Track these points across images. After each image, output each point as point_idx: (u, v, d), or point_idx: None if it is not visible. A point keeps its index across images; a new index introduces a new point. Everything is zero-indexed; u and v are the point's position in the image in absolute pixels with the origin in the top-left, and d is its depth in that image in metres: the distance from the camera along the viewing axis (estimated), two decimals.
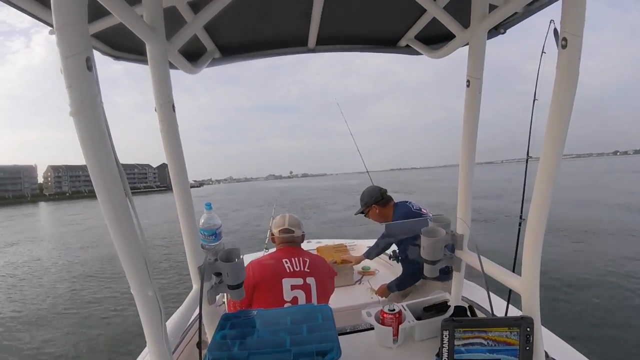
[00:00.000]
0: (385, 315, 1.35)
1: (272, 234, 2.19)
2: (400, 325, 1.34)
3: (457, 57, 1.65)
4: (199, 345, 1.18)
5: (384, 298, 2.74)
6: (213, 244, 1.43)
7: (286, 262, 1.95)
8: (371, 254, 3.05)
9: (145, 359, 1.76)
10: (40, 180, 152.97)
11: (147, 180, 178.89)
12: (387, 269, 3.39)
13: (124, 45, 1.47)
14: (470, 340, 1.14)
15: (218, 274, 1.37)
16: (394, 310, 1.35)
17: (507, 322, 1.14)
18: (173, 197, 1.33)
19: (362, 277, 3.22)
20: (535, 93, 1.91)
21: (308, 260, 2.00)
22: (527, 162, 2.03)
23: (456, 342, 1.14)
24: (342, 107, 4.54)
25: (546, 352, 1.19)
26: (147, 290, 0.86)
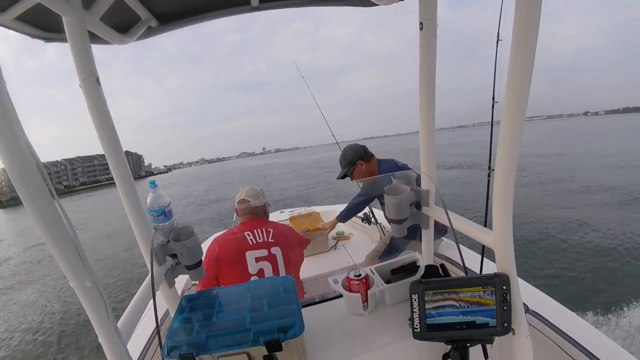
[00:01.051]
0: (351, 281, 1.28)
1: (236, 209, 2.15)
2: (368, 291, 1.28)
3: None
4: (158, 333, 1.11)
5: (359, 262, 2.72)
6: (165, 224, 1.32)
7: (248, 234, 1.91)
8: (344, 216, 2.99)
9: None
10: None
11: (109, 172, 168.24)
12: (361, 232, 3.37)
13: (52, 25, 1.31)
14: (441, 303, 1.07)
15: (174, 256, 1.29)
16: (359, 275, 1.28)
17: (481, 281, 1.06)
18: (138, 187, 1.25)
19: (337, 243, 3.20)
20: (498, 33, 1.81)
21: (272, 230, 1.95)
22: (492, 108, 1.94)
23: (427, 306, 1.07)
24: (312, 80, 4.39)
25: (526, 306, 1.16)
26: (85, 280, 0.81)
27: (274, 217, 3.59)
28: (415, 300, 1.07)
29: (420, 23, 1.25)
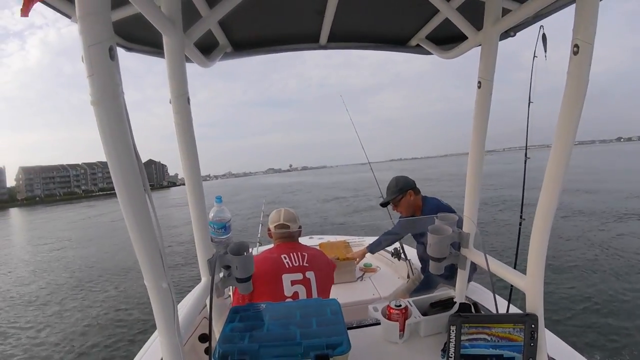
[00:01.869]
0: (392, 310, 1.37)
1: (269, 230, 2.17)
2: (406, 321, 1.37)
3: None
4: (203, 338, 1.19)
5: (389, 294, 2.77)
6: (222, 237, 1.44)
7: (285, 257, 1.95)
8: (374, 247, 3.07)
9: (149, 350, 1.78)
10: (11, 183, 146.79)
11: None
12: (388, 267, 3.41)
13: (138, 37, 1.46)
14: (474, 336, 1.17)
15: (227, 267, 1.39)
16: (400, 305, 1.37)
17: (513, 319, 1.17)
18: (159, 197, 1.32)
19: (363, 274, 3.24)
20: (530, 96, 1.91)
21: (306, 255, 2.00)
22: (525, 163, 2.04)
23: (462, 337, 1.17)
24: (340, 99, 4.50)
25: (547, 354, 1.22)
26: (162, 282, 0.87)
27: (303, 242, 3.64)
28: (453, 331, 1.16)
29: (479, 82, 1.37)
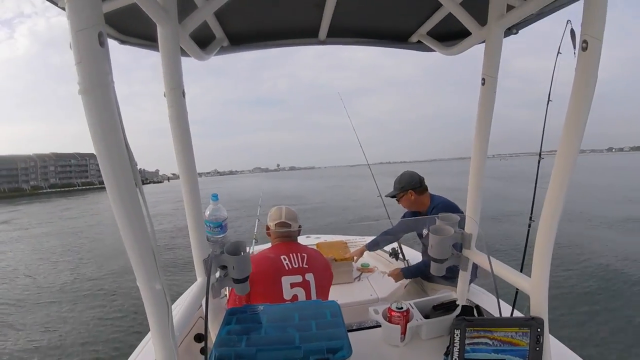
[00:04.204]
0: (393, 313, 1.33)
1: (268, 227, 2.12)
2: (408, 324, 1.33)
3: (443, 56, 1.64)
4: (199, 338, 1.15)
5: (387, 295, 2.74)
6: (219, 236, 1.41)
7: (284, 258, 1.91)
8: (373, 245, 3.05)
9: (143, 352, 1.74)
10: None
11: (86, 176, 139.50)
12: (386, 267, 3.38)
13: (132, 29, 1.42)
14: (476, 340, 1.14)
15: (223, 267, 1.35)
16: (401, 308, 1.34)
17: (518, 323, 1.14)
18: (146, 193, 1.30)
19: (360, 274, 3.20)
20: (549, 94, 1.89)
21: (306, 256, 1.96)
22: (539, 163, 2.02)
23: (466, 341, 1.14)
24: (329, 101, 4.52)
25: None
26: (155, 283, 0.84)
27: (300, 241, 3.61)
28: (457, 335, 1.13)
29: (483, 79, 1.34)
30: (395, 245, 3.13)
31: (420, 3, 1.43)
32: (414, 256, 3.13)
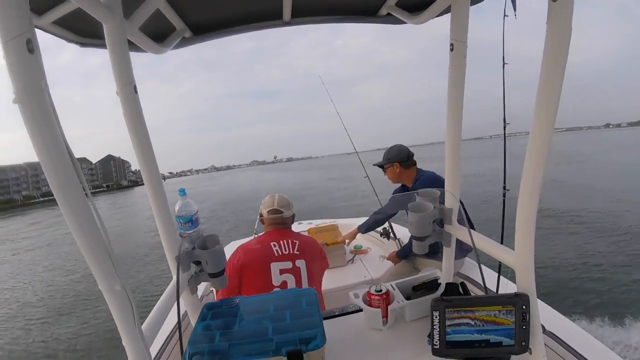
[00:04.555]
0: (372, 296, 1.29)
1: (261, 215, 2.12)
2: (389, 306, 1.29)
3: (440, 36, 1.57)
4: (180, 339, 1.14)
5: (378, 277, 2.72)
6: (191, 231, 1.36)
7: (274, 245, 1.89)
8: (366, 227, 3.01)
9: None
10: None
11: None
12: (379, 247, 3.36)
13: (89, 31, 1.37)
14: (457, 321, 1.08)
15: (197, 263, 1.31)
16: (381, 291, 1.30)
17: (502, 300, 1.07)
18: (123, 198, 1.25)
19: (354, 257, 3.19)
20: (503, 57, 1.83)
21: (297, 242, 1.94)
22: (504, 130, 1.98)
23: (447, 323, 1.09)
24: (324, 89, 4.37)
25: (543, 326, 1.15)
26: (115, 284, 0.81)
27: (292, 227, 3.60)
28: (436, 317, 1.08)
29: (451, 44, 1.28)
30: (386, 225, 3.10)
31: None
32: (405, 234, 3.11)
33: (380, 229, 3.12)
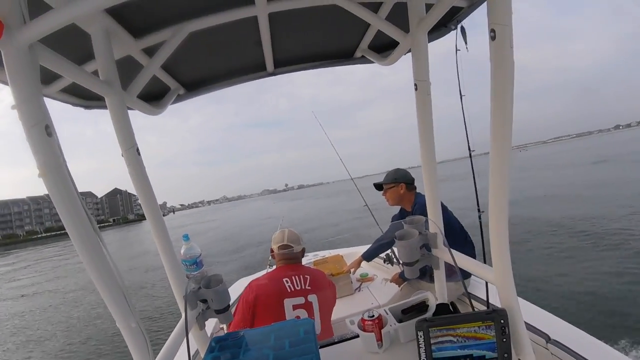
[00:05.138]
0: (365, 322, 1.39)
1: (272, 251, 2.16)
2: (382, 330, 1.38)
3: (439, 54, 1.70)
4: None
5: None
6: (196, 272, 1.47)
7: (287, 281, 1.93)
8: (369, 255, 3.11)
9: None
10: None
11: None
12: (385, 273, 3.41)
13: (93, 95, 1.53)
14: (440, 339, 1.17)
15: (204, 301, 1.41)
16: (373, 316, 1.39)
17: (481, 317, 1.17)
18: (128, 232, 1.35)
19: (361, 285, 3.25)
20: (460, 90, 1.94)
21: (309, 277, 1.98)
22: (470, 157, 2.10)
23: (432, 341, 1.18)
24: (332, 116, 4.60)
25: (547, 335, 1.20)
26: (130, 322, 0.92)
27: None
28: (421, 336, 1.18)
29: (415, 84, 1.41)
30: (389, 251, 3.17)
31: (353, 22, 1.50)
32: None
33: (383, 255, 3.19)
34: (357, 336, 1.46)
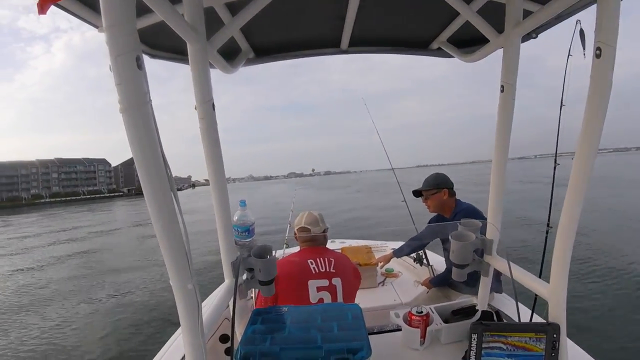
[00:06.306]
0: (413, 317, 1.37)
1: (295, 233, 2.18)
2: (427, 328, 1.36)
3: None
4: (224, 338, 1.21)
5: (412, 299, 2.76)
6: (246, 240, 1.47)
7: (311, 262, 1.94)
8: (401, 251, 3.07)
9: (172, 348, 1.81)
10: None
11: (95, 183, 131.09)
12: (411, 272, 3.39)
13: (161, 44, 1.52)
14: (492, 345, 1.16)
15: (250, 270, 1.41)
16: (421, 312, 1.37)
17: (535, 328, 1.16)
18: (140, 205, 1.31)
19: (385, 279, 3.23)
20: (562, 99, 1.84)
21: (333, 260, 1.99)
22: (554, 169, 2.00)
23: (483, 345, 1.16)
24: (360, 104, 4.47)
25: None
26: (187, 283, 0.90)
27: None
28: (474, 339, 1.16)
29: (502, 86, 1.37)
30: (421, 251, 3.14)
31: (439, 11, 1.47)
32: (438, 261, 3.13)
33: (414, 254, 3.16)
34: (398, 330, 1.45)
